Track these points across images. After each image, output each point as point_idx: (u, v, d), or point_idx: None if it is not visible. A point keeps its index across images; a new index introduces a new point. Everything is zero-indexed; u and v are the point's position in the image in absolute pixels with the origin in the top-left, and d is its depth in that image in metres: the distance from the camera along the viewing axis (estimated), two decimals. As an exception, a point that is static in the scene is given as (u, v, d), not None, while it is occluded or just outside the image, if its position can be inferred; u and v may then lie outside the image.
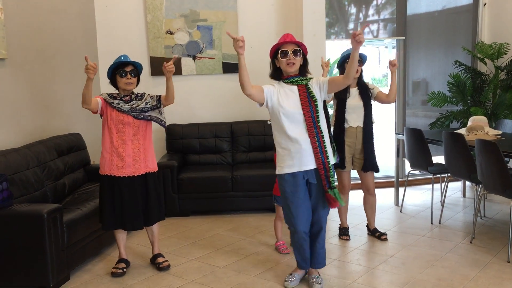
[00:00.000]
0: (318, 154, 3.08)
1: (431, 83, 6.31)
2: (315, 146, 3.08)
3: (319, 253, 3.32)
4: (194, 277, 3.52)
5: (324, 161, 3.09)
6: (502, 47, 5.60)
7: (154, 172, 3.60)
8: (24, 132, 4.13)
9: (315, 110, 3.08)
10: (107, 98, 3.43)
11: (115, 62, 3.43)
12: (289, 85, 3.14)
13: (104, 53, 5.55)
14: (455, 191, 5.79)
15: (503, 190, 3.68)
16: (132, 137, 3.45)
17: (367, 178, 4.16)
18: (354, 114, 4.01)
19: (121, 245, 3.66)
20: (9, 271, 3.22)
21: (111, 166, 3.43)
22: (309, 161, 3.10)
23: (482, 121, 4.71)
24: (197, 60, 5.67)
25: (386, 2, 6.04)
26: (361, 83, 4.06)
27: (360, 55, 3.95)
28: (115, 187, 3.44)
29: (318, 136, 3.08)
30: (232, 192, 4.99)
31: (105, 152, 3.45)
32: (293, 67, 3.10)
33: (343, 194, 4.20)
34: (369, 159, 4.05)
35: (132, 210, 3.47)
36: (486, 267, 3.54)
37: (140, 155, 3.48)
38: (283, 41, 3.11)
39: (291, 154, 3.11)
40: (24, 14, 4.15)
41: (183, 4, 5.57)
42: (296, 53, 3.09)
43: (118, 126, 3.41)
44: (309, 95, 3.09)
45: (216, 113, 5.82)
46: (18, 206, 3.28)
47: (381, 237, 4.21)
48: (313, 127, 3.07)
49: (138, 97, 3.52)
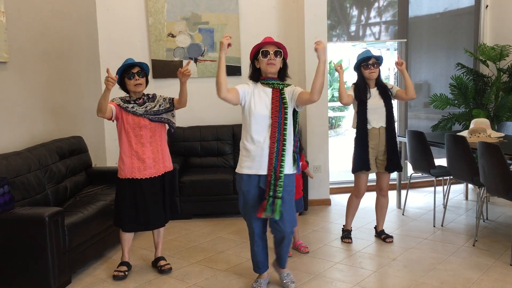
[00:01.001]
0: (272, 160, 3.03)
1: (433, 86, 6.30)
2: (272, 152, 3.04)
3: (282, 255, 3.31)
4: (196, 281, 3.51)
5: (276, 168, 3.02)
6: (504, 49, 5.59)
7: (171, 171, 3.67)
8: (26, 135, 4.13)
9: (283, 117, 3.05)
10: (120, 103, 3.44)
11: (121, 66, 3.45)
12: (264, 86, 3.13)
13: (106, 56, 5.55)
14: (458, 193, 5.77)
15: (506, 193, 3.67)
16: (150, 139, 3.49)
17: (384, 178, 4.15)
18: (376, 115, 3.99)
19: (126, 248, 3.66)
20: (10, 274, 3.22)
21: (132, 169, 3.46)
22: (264, 166, 3.06)
23: (484, 123, 4.70)
24: (198, 63, 5.68)
25: (388, 5, 6.04)
26: (380, 83, 4.04)
27: (377, 57, 3.96)
28: (137, 190, 3.48)
29: (279, 142, 3.04)
30: (234, 195, 4.98)
31: (125, 156, 3.47)
32: (273, 67, 3.09)
33: (357, 197, 4.19)
34: (394, 159, 4.03)
35: (156, 209, 3.54)
36: (489, 270, 3.53)
37: (159, 155, 3.52)
38: (264, 42, 3.12)
39: (250, 156, 3.09)
40: (26, 18, 4.16)
41: (184, 7, 5.58)
42: (277, 54, 3.09)
43: (135, 129, 3.45)
44: (281, 100, 3.07)
45: (218, 116, 5.82)
46: (19, 210, 3.28)
47: (386, 240, 4.19)
48: (277, 132, 3.04)
49: (150, 98, 3.55)
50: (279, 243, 3.24)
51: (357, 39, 6.17)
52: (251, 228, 3.24)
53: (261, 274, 3.37)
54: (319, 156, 5.40)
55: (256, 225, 3.20)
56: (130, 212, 3.50)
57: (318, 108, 5.29)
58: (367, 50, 4.02)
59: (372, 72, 3.95)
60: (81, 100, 5.07)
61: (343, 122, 12.78)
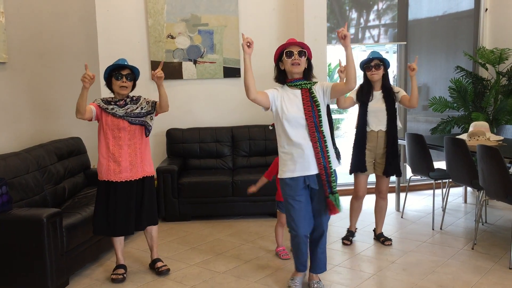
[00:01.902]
0: (320, 159, 3.06)
1: (432, 88, 6.31)
2: (317, 151, 3.06)
3: (320, 258, 3.31)
4: (194, 283, 3.50)
5: (326, 166, 3.07)
6: (503, 53, 5.60)
7: (152, 176, 3.58)
8: (24, 136, 4.12)
9: (317, 115, 3.06)
10: (101, 104, 3.39)
11: (112, 64, 3.41)
12: (292, 88, 3.13)
13: (105, 57, 5.54)
14: (457, 196, 5.77)
15: (505, 196, 3.66)
16: (128, 141, 3.43)
17: (383, 181, 4.14)
18: (376, 118, 3.97)
19: (119, 251, 3.63)
20: (8, 275, 3.20)
21: (108, 172, 3.41)
22: (311, 166, 3.08)
23: (483, 126, 4.69)
24: (198, 65, 5.67)
25: (387, 7, 6.04)
26: (386, 86, 4.01)
27: (381, 59, 3.94)
28: (111, 193, 3.43)
29: (320, 141, 3.06)
30: (233, 197, 4.97)
31: (102, 157, 3.43)
32: (298, 68, 3.08)
33: (357, 199, 4.19)
34: (393, 163, 4.02)
35: (124, 216, 3.44)
36: (488, 274, 3.52)
37: (136, 159, 3.46)
38: (288, 42, 3.12)
39: (293, 158, 3.10)
40: (25, 18, 4.15)
41: (184, 8, 5.58)
42: (301, 54, 3.08)
43: (114, 131, 3.40)
44: (312, 99, 3.08)
45: (217, 118, 5.81)
46: (17, 211, 3.27)
47: (385, 243, 4.19)
48: (315, 132, 3.05)
49: (133, 100, 3.48)
50: (317, 241, 3.26)
51: (356, 42, 6.17)
52: (298, 230, 3.17)
53: (299, 273, 3.36)
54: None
55: (302, 227, 3.16)
56: (101, 215, 3.45)
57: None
58: (373, 52, 3.98)
59: (373, 74, 3.94)
60: (80, 101, 5.05)
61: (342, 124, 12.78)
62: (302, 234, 3.19)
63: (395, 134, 4.01)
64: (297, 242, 3.25)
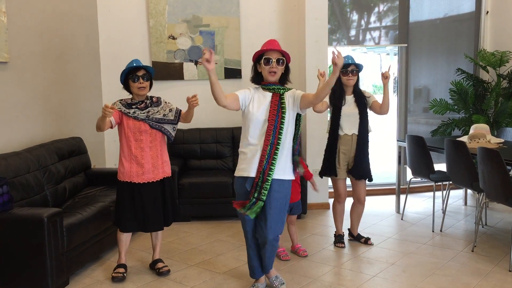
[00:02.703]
0: (262, 162, 3.03)
1: (433, 91, 6.31)
2: (263, 154, 3.03)
3: (266, 262, 3.28)
4: (194, 283, 3.50)
5: (264, 171, 3.02)
6: (504, 55, 5.60)
7: (170, 177, 3.65)
8: (25, 135, 4.12)
9: (279, 121, 3.04)
10: (122, 108, 3.43)
11: (127, 67, 3.44)
12: (265, 90, 3.14)
13: (107, 57, 5.55)
14: (457, 199, 5.77)
15: (505, 199, 3.67)
16: (150, 143, 3.48)
17: (359, 186, 4.13)
18: (349, 122, 4.00)
19: (123, 250, 3.65)
20: (8, 274, 3.21)
21: (131, 174, 3.46)
22: (254, 168, 3.07)
23: (484, 129, 4.70)
24: (199, 65, 5.68)
25: (388, 9, 6.05)
26: (357, 91, 4.05)
27: (357, 64, 3.97)
28: (136, 193, 3.48)
29: (272, 146, 3.03)
30: (233, 197, 4.95)
31: (124, 160, 3.47)
32: (274, 76, 3.09)
33: (339, 202, 4.20)
34: (362, 167, 4.03)
35: (154, 213, 3.52)
36: (488, 276, 3.52)
37: (158, 161, 3.52)
38: (268, 48, 3.08)
39: (246, 158, 3.11)
40: (27, 18, 4.16)
41: (185, 9, 5.59)
42: (279, 62, 3.07)
43: (136, 134, 3.44)
44: (280, 104, 3.07)
45: (217, 118, 5.82)
46: (18, 210, 3.27)
47: (368, 242, 4.22)
48: (271, 136, 3.04)
49: (153, 103, 3.53)
50: (261, 247, 3.23)
51: (357, 44, 6.18)
52: (245, 231, 3.25)
53: (258, 279, 3.36)
54: (318, 160, 5.38)
55: (248, 228, 3.21)
56: (128, 213, 3.50)
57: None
58: (348, 56, 4.01)
59: (349, 79, 3.97)
60: (81, 101, 5.07)
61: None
62: (247, 235, 3.24)
63: (366, 138, 4.03)
64: (246, 245, 3.31)
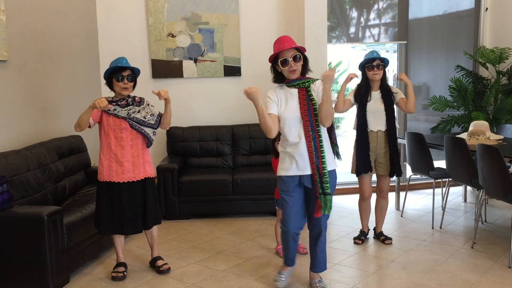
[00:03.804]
0: (313, 159, 3.05)
1: (432, 88, 6.31)
2: (310, 151, 3.05)
3: (319, 256, 3.31)
4: (194, 281, 3.51)
5: (318, 166, 3.05)
6: (503, 52, 5.60)
7: (153, 178, 3.60)
8: (25, 133, 4.12)
9: (313, 114, 3.05)
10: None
11: (113, 66, 3.41)
12: (290, 87, 3.13)
13: (106, 55, 5.55)
14: (456, 195, 5.78)
15: (505, 195, 3.67)
16: (131, 141, 3.44)
17: (384, 181, 4.15)
18: (375, 118, 3.97)
19: (119, 249, 3.64)
20: (8, 273, 3.21)
21: (110, 173, 3.42)
22: (306, 166, 3.08)
23: (483, 125, 4.70)
24: (198, 63, 5.67)
25: (387, 6, 6.04)
26: (384, 86, 4.01)
27: (382, 59, 3.95)
28: (114, 193, 3.43)
29: (315, 140, 3.05)
30: (233, 195, 4.98)
31: (104, 158, 3.43)
32: (295, 74, 3.09)
33: (364, 200, 4.20)
34: (397, 163, 4.03)
35: (132, 215, 3.46)
36: (487, 273, 3.53)
37: (139, 160, 3.47)
38: (281, 49, 3.04)
39: (289, 157, 3.12)
40: (26, 16, 4.16)
41: (185, 7, 5.58)
42: (296, 58, 3.06)
43: (116, 131, 3.40)
44: (308, 97, 3.07)
45: (217, 116, 5.82)
46: (18, 208, 3.27)
47: (385, 242, 4.20)
48: (310, 131, 3.05)
49: (135, 102, 3.49)
50: (315, 239, 3.27)
51: (356, 41, 6.17)
52: (288, 226, 3.20)
53: (286, 267, 3.39)
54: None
55: (292, 223, 3.19)
56: (106, 214, 3.45)
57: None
58: (373, 51, 3.99)
59: (375, 74, 3.94)
60: (80, 99, 5.06)
61: (342, 124, 12.79)
62: (291, 230, 3.21)
63: (395, 134, 4.02)
64: (286, 238, 3.28)
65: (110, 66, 3.42)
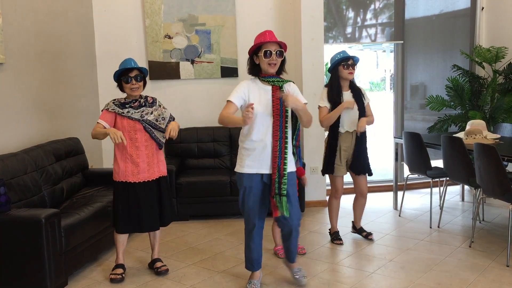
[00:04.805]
0: (275, 159, 3.05)
1: (429, 87, 6.32)
2: (275, 150, 3.05)
3: (292, 251, 3.33)
4: (193, 282, 3.51)
5: (280, 167, 3.05)
6: (500, 51, 5.61)
7: (166, 176, 3.64)
8: (22, 136, 4.11)
9: (284, 115, 3.06)
10: (115, 109, 3.43)
11: (119, 68, 3.44)
12: (264, 83, 3.13)
13: (103, 57, 5.54)
14: (454, 195, 5.79)
15: (502, 194, 3.68)
16: (145, 142, 3.47)
17: (360, 181, 4.14)
18: (349, 119, 3.97)
19: (121, 251, 3.64)
20: (6, 276, 3.20)
21: (126, 173, 3.45)
22: (267, 164, 3.08)
23: (480, 125, 4.71)
24: (195, 64, 5.67)
25: (384, 6, 6.05)
26: (354, 86, 4.03)
27: (353, 58, 3.94)
28: (131, 193, 3.46)
29: (281, 140, 3.06)
30: (231, 196, 4.98)
31: (120, 159, 3.46)
32: (274, 68, 3.10)
33: (336, 197, 4.19)
34: (361, 162, 4.04)
35: (150, 213, 3.51)
36: (485, 271, 3.54)
37: (153, 160, 3.51)
38: (267, 40, 3.08)
39: (252, 155, 3.10)
40: (22, 18, 4.15)
41: (181, 8, 5.58)
42: (278, 54, 3.08)
43: (131, 133, 3.43)
44: (281, 98, 3.06)
45: (215, 117, 5.73)
46: (16, 211, 3.27)
47: (368, 237, 4.24)
48: (279, 131, 3.05)
49: (148, 103, 3.52)
50: (287, 237, 3.26)
51: (353, 41, 6.18)
52: (249, 224, 3.21)
53: (254, 273, 3.35)
54: (316, 158, 5.40)
55: (256, 221, 3.18)
56: (123, 213, 3.48)
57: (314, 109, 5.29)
58: (345, 51, 3.98)
59: (350, 73, 3.94)
60: (77, 101, 5.06)
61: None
62: (251, 229, 3.20)
63: (364, 133, 4.03)
64: (247, 238, 3.27)
65: (117, 70, 3.45)
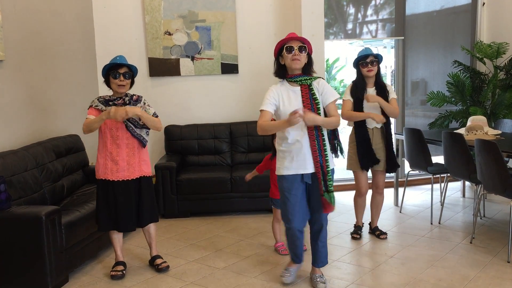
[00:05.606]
0: (317, 158, 3.06)
1: (430, 83, 6.31)
2: (314, 149, 3.05)
3: (321, 251, 3.32)
4: (194, 279, 3.51)
5: (322, 165, 3.06)
6: (501, 47, 5.60)
7: (149, 176, 3.58)
8: (22, 133, 4.11)
9: (316, 113, 3.04)
10: (99, 105, 3.39)
11: (110, 62, 3.40)
12: (292, 84, 3.11)
13: (103, 54, 5.53)
14: (455, 191, 5.78)
15: (503, 190, 3.67)
16: (126, 140, 3.43)
17: (380, 176, 4.15)
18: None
19: (118, 248, 3.64)
20: (7, 273, 3.21)
21: (105, 171, 3.42)
22: (308, 164, 3.08)
23: (481, 120, 4.70)
24: (195, 61, 5.66)
25: (384, 2, 6.03)
26: (379, 82, 4.01)
27: (376, 55, 3.94)
28: (110, 191, 3.44)
29: (318, 139, 3.05)
30: (231, 193, 4.98)
31: (100, 157, 3.45)
32: (298, 63, 3.06)
33: (361, 196, 4.18)
34: (392, 159, 4.04)
35: (126, 213, 3.46)
36: (486, 267, 3.53)
37: (134, 159, 3.46)
38: (289, 37, 3.09)
39: (290, 156, 3.10)
40: (22, 16, 4.14)
41: (181, 5, 5.56)
42: (301, 49, 3.06)
43: (112, 130, 3.40)
44: (311, 96, 3.06)
45: (215, 114, 5.81)
46: (16, 208, 3.27)
47: (380, 236, 4.21)
48: (314, 129, 3.04)
49: (132, 101, 3.47)
50: (317, 234, 3.26)
51: (354, 37, 6.17)
52: (292, 223, 3.18)
53: (294, 264, 3.40)
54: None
55: (298, 221, 3.18)
56: (103, 211, 3.47)
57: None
58: (367, 48, 3.98)
59: (369, 70, 3.93)
60: (77, 98, 5.05)
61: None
62: (295, 228, 3.20)
63: (390, 130, 4.04)
64: (290, 235, 3.28)
65: (106, 64, 3.41)
